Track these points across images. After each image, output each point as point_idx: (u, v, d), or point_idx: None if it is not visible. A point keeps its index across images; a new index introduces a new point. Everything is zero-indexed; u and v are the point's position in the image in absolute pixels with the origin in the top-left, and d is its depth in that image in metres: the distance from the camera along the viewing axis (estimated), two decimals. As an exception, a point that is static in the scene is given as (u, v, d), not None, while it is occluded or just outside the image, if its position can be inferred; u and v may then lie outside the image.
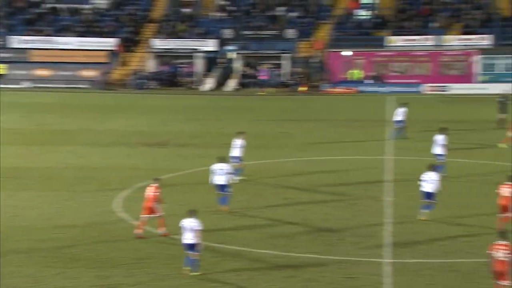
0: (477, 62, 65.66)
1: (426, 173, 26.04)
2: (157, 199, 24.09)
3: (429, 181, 25.68)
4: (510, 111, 45.41)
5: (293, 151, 38.42)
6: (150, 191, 24.18)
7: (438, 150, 32.37)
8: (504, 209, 24.34)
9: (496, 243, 18.28)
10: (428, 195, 25.76)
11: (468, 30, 68.68)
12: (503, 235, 18.48)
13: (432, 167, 26.44)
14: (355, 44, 68.64)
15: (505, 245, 18.05)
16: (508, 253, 17.95)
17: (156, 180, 24.59)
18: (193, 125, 47.60)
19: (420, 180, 26.02)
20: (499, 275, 18.10)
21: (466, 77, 65.71)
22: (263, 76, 67.67)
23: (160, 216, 24.08)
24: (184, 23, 73.83)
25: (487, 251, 18.56)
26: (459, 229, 24.89)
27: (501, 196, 24.41)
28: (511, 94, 50.53)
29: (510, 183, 24.45)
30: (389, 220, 25.99)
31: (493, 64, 65.53)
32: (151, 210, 23.96)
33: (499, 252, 18.05)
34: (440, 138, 32.43)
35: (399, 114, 41.82)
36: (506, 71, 65.00)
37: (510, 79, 63.79)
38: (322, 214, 26.88)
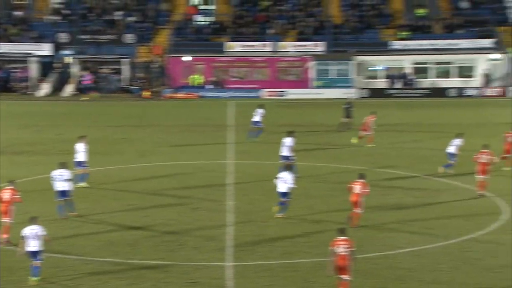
0: (312, 68, 67.66)
1: (280, 173, 26.83)
2: (13, 202, 23.49)
3: (284, 181, 26.46)
4: (354, 116, 46.90)
5: (135, 157, 38.04)
6: (6, 194, 23.60)
7: (286, 152, 33.10)
8: (355, 205, 25.51)
9: (337, 239, 19.19)
10: (283, 194, 26.57)
11: (302, 37, 70.65)
12: (342, 231, 19.39)
13: (287, 167, 27.32)
14: (195, 49, 68.89)
15: (345, 241, 19.04)
16: (348, 248, 18.91)
17: (11, 182, 24.01)
18: (29, 131, 46.12)
19: (275, 180, 26.70)
20: (341, 270, 18.96)
21: (302, 83, 67.50)
22: (86, 81, 66.31)
23: (7, 222, 23.39)
24: (16, 26, 71.40)
25: (329, 247, 19.29)
26: (299, 229, 25.47)
27: (352, 193, 25.52)
28: (355, 99, 52.51)
29: (361, 180, 25.60)
30: (230, 223, 26.25)
31: (327, 70, 67.76)
32: (7, 213, 23.39)
33: (340, 248, 18.97)
34: (288, 141, 33.21)
35: (257, 115, 42.76)
36: (338, 76, 67.41)
37: (342, 85, 66.21)
38: (164, 219, 26.76)
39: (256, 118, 42.75)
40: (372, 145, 40.97)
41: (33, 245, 20.07)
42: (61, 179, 26.38)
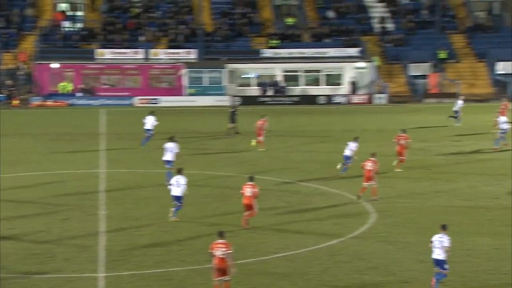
0: (185, 76, 67.54)
1: (175, 177, 27.25)
2: None
3: (178, 185, 26.92)
4: (239, 121, 47.66)
5: (2, 167, 36.68)
6: None
7: (168, 156, 33.16)
8: (248, 207, 26.08)
9: (216, 242, 19.61)
10: (177, 198, 27.02)
11: (174, 45, 70.47)
12: (221, 234, 19.82)
13: (179, 171, 27.50)
14: (64, 56, 67.37)
15: (224, 243, 19.51)
16: (226, 251, 19.39)
17: None
18: None
19: (169, 184, 27.09)
20: (220, 272, 19.43)
21: (175, 90, 67.24)
22: None
23: None
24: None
25: (209, 250, 19.69)
26: (172, 237, 25.25)
27: (245, 196, 26.04)
28: (239, 105, 52.98)
29: (251, 183, 26.18)
30: (102, 232, 25.73)
31: (200, 78, 67.80)
32: None
33: (219, 250, 19.43)
34: (170, 146, 33.23)
35: (148, 122, 42.87)
36: (211, 84, 67.58)
37: (215, 92, 66.44)
38: (33, 230, 25.92)
39: (148, 125, 42.85)
40: (263, 149, 41.81)
41: None
42: None
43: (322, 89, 68.00)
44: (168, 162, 33.09)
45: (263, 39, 72.94)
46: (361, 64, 68.57)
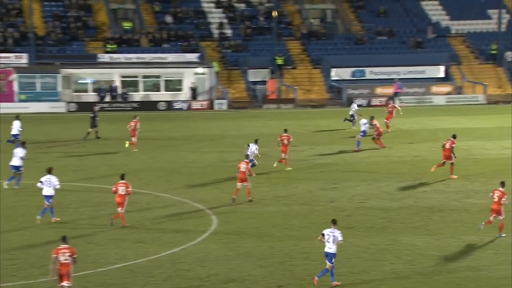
0: (16, 81, 65.42)
1: (45, 177, 28.41)
2: None
3: (49, 184, 28.23)
4: (98, 125, 47.90)
5: None
6: None
7: (16, 162, 33.74)
8: (120, 205, 27.27)
9: (60, 247, 19.87)
10: (49, 197, 28.11)
11: (4, 48, 68.20)
12: (64, 239, 20.12)
13: (49, 170, 28.73)
14: None
15: (68, 248, 19.84)
16: (70, 256, 19.75)
17: None
18: None
19: (39, 184, 27.84)
20: (63, 277, 19.70)
21: (7, 96, 65.00)
22: None
23: None
24: None
25: (52, 255, 19.78)
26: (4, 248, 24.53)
27: (118, 194, 27.32)
28: (99, 109, 53.30)
29: (123, 181, 27.44)
30: None
31: (32, 83, 65.90)
32: None
33: (63, 256, 19.71)
34: (18, 151, 33.89)
35: (14, 127, 43.35)
36: (44, 90, 65.80)
37: (49, 98, 64.81)
38: None
39: (14, 131, 43.20)
40: (136, 150, 42.85)
41: None
42: None
43: (162, 95, 67.93)
44: (14, 167, 33.71)
45: (100, 44, 71.98)
46: (201, 69, 69.11)
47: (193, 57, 70.29)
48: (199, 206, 31.01)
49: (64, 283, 19.71)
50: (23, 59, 66.83)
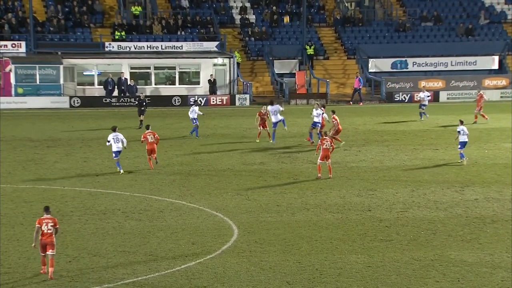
0: (13, 73, 65.71)
1: (112, 134, 34.60)
2: None
3: (117, 141, 34.35)
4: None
5: None
6: None
7: None
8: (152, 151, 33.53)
9: (44, 217, 22.97)
10: (117, 153, 34.84)
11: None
12: (47, 209, 23.22)
13: (115, 129, 34.26)
14: None
15: (51, 219, 23.02)
16: (53, 226, 22.90)
17: None
18: None
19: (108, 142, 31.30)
20: (47, 246, 22.84)
21: (2, 90, 65.44)
22: None
23: None
24: None
25: (36, 225, 22.95)
26: None
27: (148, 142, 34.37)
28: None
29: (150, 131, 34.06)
30: None
31: (31, 75, 65.76)
32: None
33: (47, 226, 22.88)
34: None
35: None
36: (44, 82, 65.49)
37: (50, 92, 65.07)
38: None
39: None
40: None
41: None
42: None
43: (176, 89, 68.14)
44: None
45: (107, 31, 72.41)
46: (220, 60, 69.24)
47: (211, 46, 70.51)
48: (218, 214, 31.06)
49: (49, 252, 22.92)
50: (21, 48, 67.37)
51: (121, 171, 37.95)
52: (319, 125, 45.58)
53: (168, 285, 23.25)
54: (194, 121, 49.12)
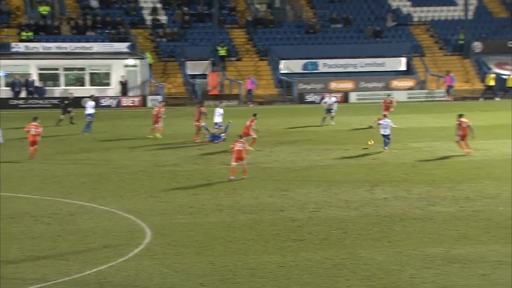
0: None
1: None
2: None
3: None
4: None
5: None
6: None
7: None
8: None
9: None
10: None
11: None
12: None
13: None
14: None
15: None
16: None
17: None
18: None
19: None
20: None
21: None
22: None
23: None
24: None
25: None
26: None
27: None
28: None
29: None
30: None
31: None
32: None
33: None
34: None
35: None
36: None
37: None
38: None
39: None
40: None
41: None
42: None
43: (87, 90, 67.28)
44: None
45: (13, 31, 71.12)
46: (132, 61, 68.76)
47: (122, 47, 69.95)
48: (130, 217, 30.81)
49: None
50: None
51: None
52: (222, 125, 47.19)
53: (79, 289, 22.96)
54: (89, 117, 51.15)
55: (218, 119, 47.41)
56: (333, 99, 55.98)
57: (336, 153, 44.14)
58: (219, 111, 47.76)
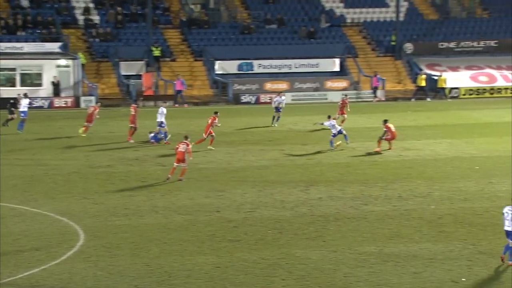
0: None
1: None
2: None
3: None
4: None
5: None
6: None
7: None
8: None
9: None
10: None
11: None
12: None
13: None
14: None
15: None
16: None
17: None
18: None
19: None
20: None
21: None
22: None
23: None
24: None
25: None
26: None
27: None
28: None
29: None
30: None
31: None
32: None
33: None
34: None
35: None
36: None
37: None
38: None
39: None
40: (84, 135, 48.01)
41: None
42: None
43: (18, 91, 66.15)
44: None
45: None
46: (64, 61, 67.99)
47: (54, 47, 69.10)
48: (63, 219, 30.49)
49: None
50: None
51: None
52: (164, 125, 46.88)
53: (9, 293, 22.66)
54: (22, 114, 50.91)
55: (161, 118, 46.84)
56: (283, 97, 56.10)
57: (272, 153, 44.29)
58: (162, 110, 47.28)
